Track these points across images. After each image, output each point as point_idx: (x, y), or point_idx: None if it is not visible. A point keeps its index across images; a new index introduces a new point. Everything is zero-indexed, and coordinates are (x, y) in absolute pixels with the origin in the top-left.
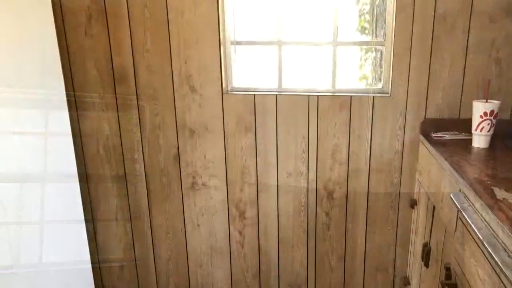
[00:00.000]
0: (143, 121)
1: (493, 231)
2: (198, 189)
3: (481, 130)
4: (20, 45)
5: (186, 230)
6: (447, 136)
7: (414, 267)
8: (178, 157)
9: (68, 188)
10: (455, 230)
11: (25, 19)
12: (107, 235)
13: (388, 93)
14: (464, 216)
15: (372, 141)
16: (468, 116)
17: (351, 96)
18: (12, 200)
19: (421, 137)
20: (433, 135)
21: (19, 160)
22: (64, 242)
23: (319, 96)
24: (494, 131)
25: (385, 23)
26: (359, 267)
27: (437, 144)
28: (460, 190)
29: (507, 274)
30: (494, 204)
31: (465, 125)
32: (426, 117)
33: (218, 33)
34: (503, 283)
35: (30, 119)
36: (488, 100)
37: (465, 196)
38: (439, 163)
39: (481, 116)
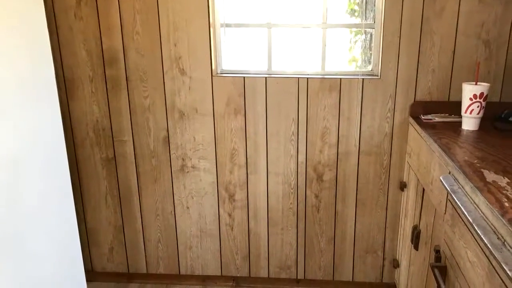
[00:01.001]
0: (132, 104)
1: (483, 213)
2: (187, 172)
3: (470, 113)
4: (8, 27)
5: (175, 212)
6: (436, 118)
7: (404, 250)
8: (167, 139)
9: (57, 170)
10: (445, 213)
11: (14, 0)
12: (96, 217)
13: (377, 76)
14: (453, 199)
15: (361, 124)
16: (457, 98)
17: (340, 79)
18: None
19: (411, 120)
20: (423, 117)
21: (6, 142)
22: (53, 225)
23: (308, 79)
24: (484, 113)
25: (374, 5)
26: (349, 249)
27: (427, 127)
28: (449, 173)
29: (496, 256)
30: (483, 186)
31: (455, 107)
32: (415, 100)
33: (207, 16)
34: (492, 265)
35: (18, 101)
36: (478, 83)
37: (455, 179)
38: (428, 146)
39: (470, 99)
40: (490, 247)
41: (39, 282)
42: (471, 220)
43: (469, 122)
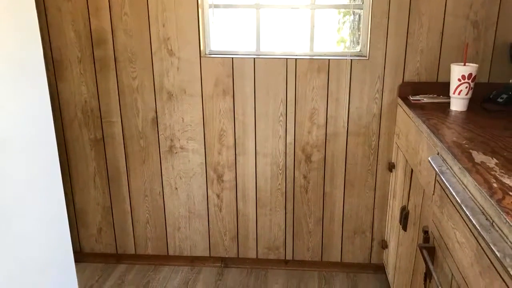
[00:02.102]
0: (121, 85)
1: (471, 194)
2: (176, 152)
3: (459, 94)
4: None
5: (164, 193)
6: (425, 99)
7: (392, 231)
8: (156, 120)
9: (45, 151)
10: (433, 194)
11: None
12: (85, 198)
13: (366, 56)
14: (442, 180)
15: (350, 104)
16: (446, 79)
17: (329, 60)
18: None
19: (399, 100)
20: (411, 98)
21: None
22: (42, 206)
23: (297, 60)
24: (472, 94)
25: None
26: (337, 230)
27: (415, 107)
28: (438, 154)
29: (484, 237)
30: (472, 167)
31: (443, 88)
32: (404, 80)
33: None
34: (480, 245)
35: (6, 82)
36: (466, 64)
37: (443, 160)
38: (417, 126)
39: (459, 80)
40: (478, 228)
41: (26, 263)
42: (459, 201)
43: (458, 103)
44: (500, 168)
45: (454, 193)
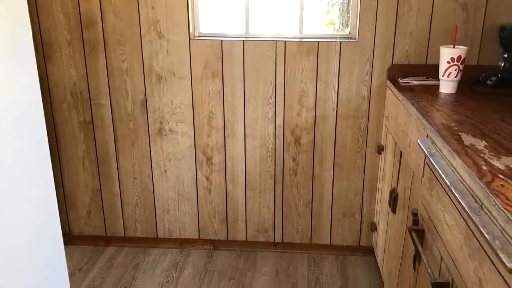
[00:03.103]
0: (110, 67)
1: (460, 176)
2: (165, 135)
3: (448, 76)
4: None
5: (153, 175)
6: (414, 81)
7: (381, 213)
8: (145, 102)
9: (34, 134)
10: (422, 176)
11: None
12: (74, 181)
13: (355, 39)
14: (431, 162)
15: (339, 87)
16: (435, 61)
17: (318, 42)
18: None
19: (388, 83)
20: (400, 80)
21: None
22: (31, 189)
23: (286, 42)
24: (461, 76)
25: None
26: (326, 212)
27: (404, 90)
28: (427, 136)
29: (473, 219)
30: (461, 149)
31: (432, 70)
32: (393, 63)
33: None
34: (470, 228)
35: None
36: (455, 46)
37: (433, 142)
38: (406, 109)
39: (448, 62)
40: (467, 210)
41: (15, 245)
42: (448, 183)
43: (447, 85)
44: (490, 151)
45: (443, 176)
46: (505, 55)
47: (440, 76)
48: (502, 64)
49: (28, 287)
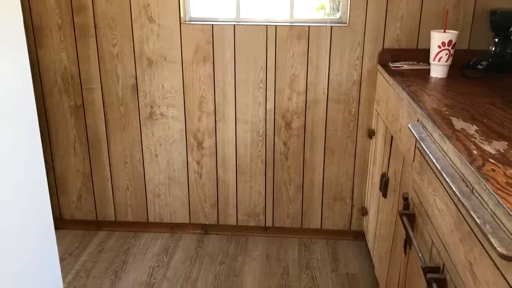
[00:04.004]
0: (101, 51)
1: (451, 161)
2: (156, 119)
3: (439, 60)
4: None
5: (144, 160)
6: (405, 66)
7: (372, 197)
8: (136, 87)
9: (25, 118)
10: (413, 160)
11: None
12: (65, 165)
13: (346, 23)
14: (422, 146)
15: (330, 71)
16: (426, 46)
17: (309, 26)
18: None
19: (379, 67)
20: (391, 65)
21: None
22: (21, 173)
23: (277, 26)
24: (452, 61)
25: None
26: (317, 197)
27: (395, 74)
28: (418, 120)
29: (464, 204)
30: (452, 134)
31: (423, 55)
32: (384, 47)
33: None
34: (460, 212)
35: None
36: (446, 30)
37: (423, 126)
38: (397, 93)
39: (439, 46)
40: (458, 194)
41: (6, 230)
42: (439, 168)
43: (438, 69)
44: (480, 135)
45: (434, 160)
46: (496, 40)
47: (431, 61)
48: (493, 49)
49: (19, 271)
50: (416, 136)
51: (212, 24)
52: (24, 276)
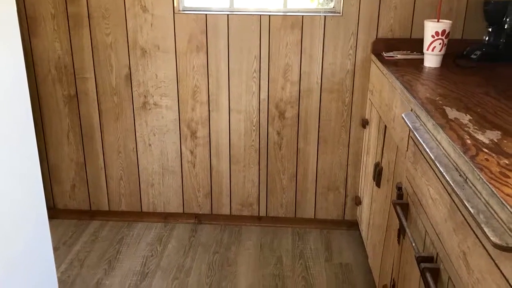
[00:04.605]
0: (94, 41)
1: (445, 150)
2: (149, 109)
3: (432, 50)
4: None
5: (137, 149)
6: (398, 55)
7: (366, 187)
8: (129, 76)
9: (18, 107)
10: (407, 150)
11: None
12: (58, 155)
13: (339, 13)
14: (415, 136)
15: (323, 61)
16: (419, 36)
17: (302, 16)
18: None
19: (373, 57)
20: (385, 54)
21: None
22: (15, 162)
23: (270, 16)
24: (446, 50)
25: None
26: (311, 186)
27: (389, 64)
28: (411, 110)
29: (458, 193)
30: (445, 123)
31: (417, 44)
32: (377, 37)
33: None
34: (454, 202)
35: None
36: (440, 20)
37: (417, 116)
38: (390, 83)
39: (432, 36)
40: (452, 184)
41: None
42: (433, 157)
43: (431, 59)
44: (474, 125)
45: (427, 150)
46: (489, 29)
47: (425, 50)
48: (486, 38)
49: (12, 261)
50: (410, 125)
51: (206, 14)
52: (18, 266)
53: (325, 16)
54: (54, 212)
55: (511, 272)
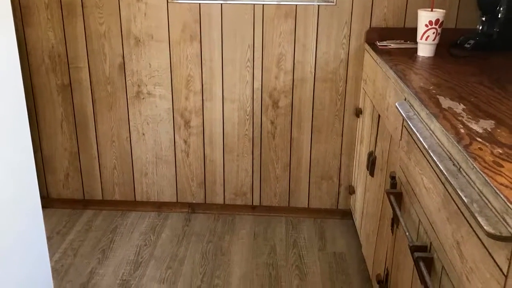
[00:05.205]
0: (88, 30)
1: (438, 139)
2: (143, 98)
3: (426, 39)
4: None
5: (131, 139)
6: (392, 45)
7: (359, 176)
8: (123, 66)
9: (12, 97)
10: (400, 139)
11: None
12: (52, 144)
13: (333, 2)
14: (409, 125)
15: (317, 50)
16: (413, 25)
17: (296, 5)
18: None
19: (366, 46)
20: (378, 44)
21: None
22: (8, 152)
23: (264, 5)
24: (439, 40)
25: None
26: (304, 175)
27: (382, 53)
28: (405, 99)
29: (451, 183)
30: (439, 113)
31: (411, 34)
32: (371, 26)
33: None
34: (448, 191)
35: None
36: (433, 9)
37: (411, 105)
38: (384, 72)
39: (426, 25)
40: (445, 173)
41: None
42: (426, 147)
43: (425, 48)
44: (467, 114)
45: (421, 139)
46: (483, 18)
47: (418, 39)
48: (480, 27)
49: (6, 250)
50: (404, 115)
51: (199, 3)
52: (11, 255)
53: (318, 5)
54: (48, 201)
55: (505, 261)
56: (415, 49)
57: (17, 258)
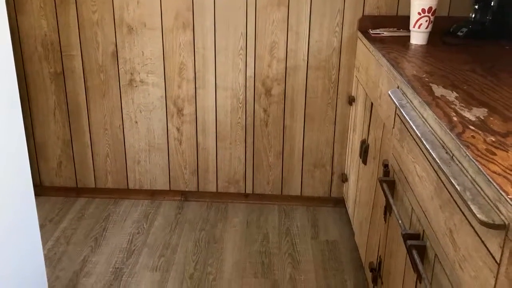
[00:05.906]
0: (81, 18)
1: (431, 128)
2: (136, 86)
3: (419, 27)
4: None
5: (124, 127)
6: (385, 33)
7: (352, 164)
8: (116, 54)
9: (5, 85)
10: (393, 127)
11: None
12: (45, 132)
13: None
14: (402, 113)
15: (310, 38)
16: (406, 13)
17: None
18: None
19: (359, 34)
20: (371, 31)
21: None
22: (1, 139)
23: None
24: (432, 28)
25: None
26: (297, 163)
27: (375, 41)
28: (398, 87)
29: (444, 171)
30: (432, 101)
31: (403, 22)
32: (364, 14)
33: None
34: (440, 179)
35: None
36: None
37: (403, 93)
38: (377, 60)
39: (419, 13)
40: (438, 161)
41: None
42: (419, 135)
43: (418, 36)
44: (460, 102)
45: (414, 127)
46: (476, 6)
47: (411, 27)
48: (473, 16)
49: None
50: (396, 103)
51: None
52: (4, 243)
53: None
54: (41, 189)
55: (497, 249)
56: (408, 37)
57: (10, 246)
